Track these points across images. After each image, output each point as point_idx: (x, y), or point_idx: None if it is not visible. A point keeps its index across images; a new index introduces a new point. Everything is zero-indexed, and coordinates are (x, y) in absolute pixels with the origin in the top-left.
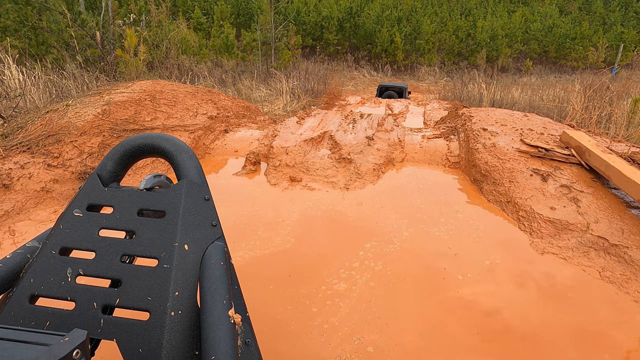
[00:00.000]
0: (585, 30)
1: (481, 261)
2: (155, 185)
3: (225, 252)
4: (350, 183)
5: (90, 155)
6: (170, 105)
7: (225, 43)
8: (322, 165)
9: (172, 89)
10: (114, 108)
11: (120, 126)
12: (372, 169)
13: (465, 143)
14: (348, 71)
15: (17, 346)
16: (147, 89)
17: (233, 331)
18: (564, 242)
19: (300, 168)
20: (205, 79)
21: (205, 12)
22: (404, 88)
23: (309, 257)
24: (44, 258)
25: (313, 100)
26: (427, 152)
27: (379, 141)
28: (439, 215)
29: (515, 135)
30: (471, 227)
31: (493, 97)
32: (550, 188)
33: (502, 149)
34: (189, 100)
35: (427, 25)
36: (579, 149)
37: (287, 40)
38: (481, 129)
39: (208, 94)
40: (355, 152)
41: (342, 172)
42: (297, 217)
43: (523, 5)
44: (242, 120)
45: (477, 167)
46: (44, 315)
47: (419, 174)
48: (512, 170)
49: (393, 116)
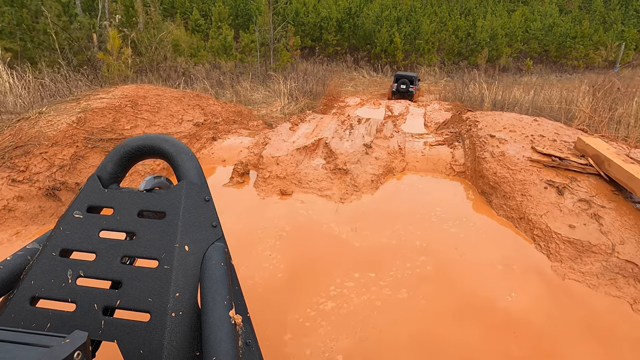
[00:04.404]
0: (585, 29)
1: (503, 296)
2: (155, 187)
3: (226, 252)
4: (346, 197)
5: (60, 169)
6: (153, 112)
7: (223, 44)
8: (316, 177)
9: (157, 94)
10: (90, 115)
11: (96, 135)
12: (370, 180)
13: (471, 151)
14: (347, 72)
15: (18, 348)
16: (129, 95)
17: (234, 332)
18: (587, 267)
19: (292, 180)
20: (201, 81)
21: (204, 13)
22: (414, 77)
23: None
24: (44, 260)
25: (311, 102)
26: (429, 160)
27: (378, 149)
28: (446, 237)
29: (525, 142)
30: (486, 254)
31: (495, 97)
32: (567, 203)
33: (512, 158)
34: (174, 106)
35: (426, 25)
36: (597, 158)
37: (286, 41)
38: (488, 136)
39: (196, 98)
40: (352, 162)
41: (337, 184)
42: (285, 244)
43: (523, 5)
44: (232, 126)
45: (485, 178)
46: (45, 317)
47: (421, 186)
48: (524, 182)
49: (393, 118)
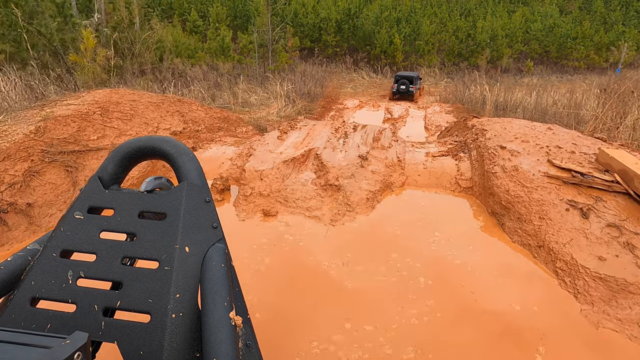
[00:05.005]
0: (586, 30)
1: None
2: (155, 188)
3: (226, 254)
4: (338, 218)
5: (10, 187)
6: (125, 120)
7: (221, 46)
8: (304, 194)
9: (132, 100)
10: (52, 125)
11: (56, 147)
12: (365, 198)
13: (479, 164)
14: (347, 73)
15: (19, 349)
16: (100, 100)
17: (234, 333)
18: (625, 312)
19: (277, 197)
20: (197, 82)
21: (202, 14)
22: (414, 77)
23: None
24: (44, 260)
25: (309, 104)
26: (432, 174)
27: (375, 161)
28: (454, 272)
29: (540, 154)
30: (502, 295)
31: (497, 99)
32: (594, 228)
33: (526, 174)
34: (151, 112)
35: (426, 26)
36: (624, 174)
37: (285, 43)
38: (498, 147)
39: (177, 104)
40: (345, 176)
41: (328, 203)
42: (261, 282)
43: (523, 5)
44: (216, 134)
45: (495, 197)
46: (45, 318)
47: (423, 204)
48: (542, 203)
49: (392, 121)
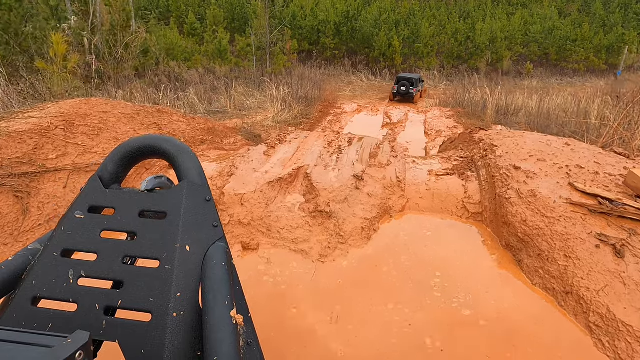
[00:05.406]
0: (585, 32)
1: None
2: (156, 187)
3: (227, 253)
4: (328, 252)
5: None
6: (91, 135)
7: (218, 49)
8: (290, 222)
9: (103, 111)
10: (4, 142)
11: (6, 169)
12: (359, 227)
13: (489, 185)
14: (345, 76)
15: (20, 348)
16: (66, 112)
17: (235, 332)
18: None
19: (259, 226)
20: (194, 86)
21: (200, 17)
22: (415, 79)
23: None
24: (45, 260)
25: (306, 109)
26: (436, 196)
27: (371, 182)
28: (466, 331)
29: (560, 176)
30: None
31: (498, 103)
32: (631, 271)
33: (546, 201)
34: (123, 125)
35: (425, 29)
36: None
37: (283, 45)
38: (511, 167)
39: (155, 115)
40: (338, 200)
41: (317, 234)
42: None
43: (522, 8)
44: (198, 148)
45: (510, 227)
46: (46, 317)
47: (427, 234)
48: (567, 237)
49: (391, 125)
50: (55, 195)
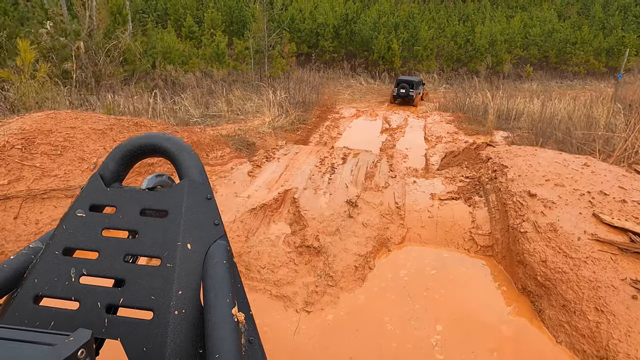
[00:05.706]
0: (585, 35)
1: None
2: (157, 185)
3: (228, 250)
4: (315, 299)
5: None
6: (53, 155)
7: (216, 52)
8: (273, 259)
9: (71, 126)
10: None
11: None
12: (352, 265)
13: (500, 214)
14: (344, 79)
15: (22, 346)
16: (28, 128)
17: (237, 329)
18: None
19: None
20: (190, 90)
21: (198, 20)
22: (415, 82)
23: None
24: (47, 258)
25: (303, 113)
26: (440, 225)
27: (367, 208)
28: None
29: (582, 205)
30: None
31: (499, 107)
32: None
33: (568, 237)
34: (92, 143)
35: (424, 32)
36: None
37: (281, 48)
38: (526, 194)
39: (132, 128)
40: (329, 232)
41: (303, 274)
42: None
43: (521, 11)
44: None
45: (527, 267)
46: (49, 316)
47: (431, 273)
48: (596, 284)
49: (390, 131)
50: (3, 228)
